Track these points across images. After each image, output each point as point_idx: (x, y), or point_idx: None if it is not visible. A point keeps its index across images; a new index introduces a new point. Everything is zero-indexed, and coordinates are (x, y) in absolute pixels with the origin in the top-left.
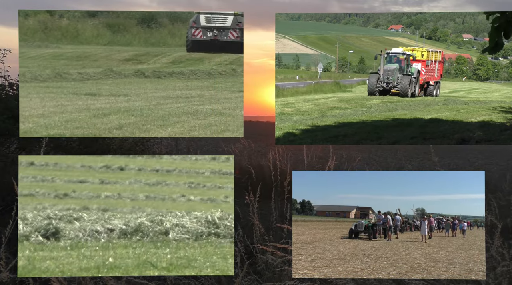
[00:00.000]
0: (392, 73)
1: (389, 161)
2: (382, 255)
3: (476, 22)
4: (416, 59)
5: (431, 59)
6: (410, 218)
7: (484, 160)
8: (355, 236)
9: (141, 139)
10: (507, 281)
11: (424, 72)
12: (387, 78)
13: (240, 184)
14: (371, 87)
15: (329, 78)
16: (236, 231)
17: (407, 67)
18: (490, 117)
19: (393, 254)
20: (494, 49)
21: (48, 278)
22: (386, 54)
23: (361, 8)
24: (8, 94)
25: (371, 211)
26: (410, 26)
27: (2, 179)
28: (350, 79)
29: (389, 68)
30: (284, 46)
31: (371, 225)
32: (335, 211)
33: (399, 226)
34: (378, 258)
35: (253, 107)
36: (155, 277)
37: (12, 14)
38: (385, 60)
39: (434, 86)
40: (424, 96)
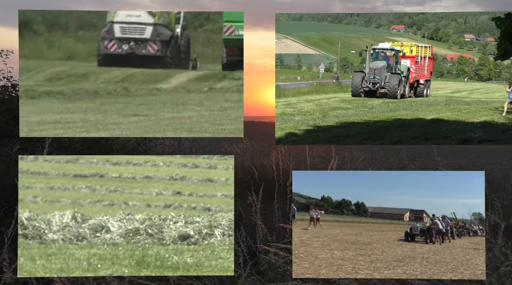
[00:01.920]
0: (379, 72)
1: (391, 161)
2: (441, 260)
3: (478, 22)
4: (405, 55)
5: (421, 55)
6: (467, 222)
7: (486, 160)
8: (411, 239)
9: (143, 139)
10: (510, 281)
11: (413, 70)
12: (373, 77)
13: (243, 184)
14: (355, 88)
15: (331, 78)
16: (239, 232)
17: (396, 65)
18: (492, 117)
19: (453, 259)
20: (504, 56)
21: (51, 278)
22: (372, 50)
23: (363, 8)
24: (11, 95)
25: (425, 214)
26: (412, 26)
27: (5, 180)
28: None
29: (375, 66)
30: (286, 47)
31: (427, 228)
32: (389, 213)
33: (456, 230)
34: (437, 263)
35: (255, 108)
36: (158, 277)
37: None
38: (371, 56)
39: (424, 85)
40: (414, 96)
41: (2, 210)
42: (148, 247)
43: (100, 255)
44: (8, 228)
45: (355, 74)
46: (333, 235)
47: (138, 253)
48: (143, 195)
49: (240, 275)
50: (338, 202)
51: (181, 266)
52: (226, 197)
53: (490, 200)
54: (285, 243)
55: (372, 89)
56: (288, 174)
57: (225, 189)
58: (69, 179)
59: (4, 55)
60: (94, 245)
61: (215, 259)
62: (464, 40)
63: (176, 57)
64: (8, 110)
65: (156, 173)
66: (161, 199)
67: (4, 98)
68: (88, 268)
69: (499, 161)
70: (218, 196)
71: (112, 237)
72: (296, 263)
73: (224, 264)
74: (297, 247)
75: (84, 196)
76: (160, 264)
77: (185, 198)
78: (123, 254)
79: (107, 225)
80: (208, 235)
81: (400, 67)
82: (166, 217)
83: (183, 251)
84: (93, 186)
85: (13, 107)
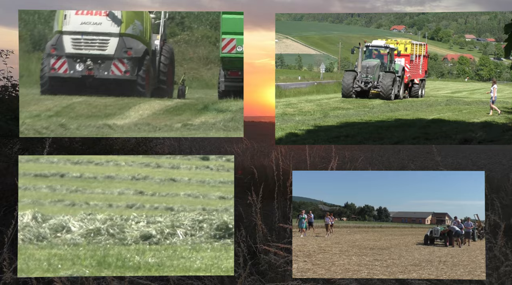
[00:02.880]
0: (372, 71)
1: (391, 161)
2: (459, 263)
3: (479, 22)
4: (400, 53)
5: (416, 53)
6: None
7: (486, 160)
8: (431, 242)
9: (144, 139)
10: (510, 281)
11: (408, 69)
12: (365, 76)
13: (243, 184)
14: (346, 88)
15: (331, 79)
16: (239, 231)
17: (390, 63)
18: (492, 118)
19: (471, 262)
20: None
21: (51, 278)
22: (365, 47)
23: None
24: (11, 95)
25: (447, 217)
26: (412, 26)
27: (5, 180)
28: None
29: (368, 64)
30: (287, 47)
31: (447, 231)
32: (411, 217)
33: (477, 232)
34: (454, 265)
35: (256, 108)
36: (158, 277)
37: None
38: (364, 54)
39: (419, 84)
40: (409, 96)
41: (2, 210)
42: (109, 247)
43: (60, 256)
44: (8, 228)
45: (346, 73)
46: (352, 241)
47: (99, 253)
48: (105, 195)
49: (240, 275)
50: (360, 208)
51: (143, 266)
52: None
53: (490, 200)
54: (285, 243)
55: (364, 89)
56: (288, 174)
57: (188, 188)
58: (30, 179)
59: (4, 55)
60: (54, 245)
61: (177, 259)
62: (464, 40)
63: (153, 80)
64: (8, 110)
65: (118, 172)
66: (123, 199)
67: (4, 98)
68: (48, 269)
69: (499, 161)
70: (181, 195)
71: (73, 237)
72: (296, 262)
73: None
74: (315, 254)
75: (44, 195)
76: (121, 264)
77: (147, 198)
78: (84, 254)
79: (67, 225)
80: (170, 234)
81: (395, 66)
82: (128, 217)
83: (145, 251)
84: (53, 186)
85: (13, 107)
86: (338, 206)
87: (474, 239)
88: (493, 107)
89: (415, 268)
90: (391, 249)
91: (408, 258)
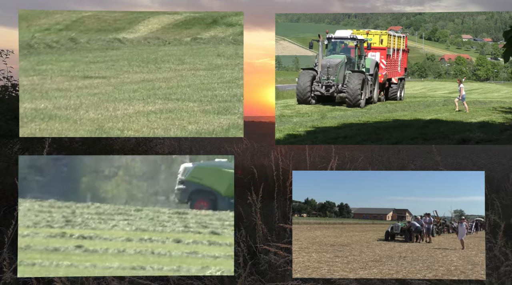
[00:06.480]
0: (334, 71)
1: (391, 161)
2: (418, 258)
3: (476, 22)
4: (373, 47)
5: (393, 46)
6: (448, 219)
7: (486, 160)
8: (391, 238)
9: (144, 139)
10: (510, 281)
11: (384, 66)
12: (326, 77)
13: (243, 184)
14: (301, 92)
15: None
16: (239, 231)
17: (359, 59)
18: (490, 117)
19: (430, 257)
20: None
21: (51, 278)
22: (327, 40)
23: (363, 8)
24: (11, 95)
25: (407, 213)
26: (409, 27)
27: (5, 179)
28: None
29: (329, 63)
30: (284, 48)
31: (408, 227)
32: (372, 213)
33: (436, 228)
34: (414, 261)
35: (255, 108)
36: (158, 277)
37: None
38: (325, 49)
39: (397, 85)
40: (386, 99)
41: (2, 210)
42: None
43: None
44: (8, 228)
45: (303, 72)
46: (312, 238)
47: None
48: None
49: (240, 275)
50: (321, 204)
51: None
52: None
53: (490, 200)
54: (285, 243)
55: (325, 94)
56: (288, 174)
57: None
58: None
59: (4, 55)
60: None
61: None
62: (461, 41)
63: None
64: (8, 110)
65: None
66: None
67: (4, 98)
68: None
69: (499, 161)
70: None
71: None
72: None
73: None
74: None
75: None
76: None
77: None
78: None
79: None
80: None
81: (365, 62)
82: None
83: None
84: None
85: (13, 107)
86: (298, 202)
87: (433, 235)
88: (464, 105)
89: (375, 264)
90: (352, 246)
91: (369, 254)
